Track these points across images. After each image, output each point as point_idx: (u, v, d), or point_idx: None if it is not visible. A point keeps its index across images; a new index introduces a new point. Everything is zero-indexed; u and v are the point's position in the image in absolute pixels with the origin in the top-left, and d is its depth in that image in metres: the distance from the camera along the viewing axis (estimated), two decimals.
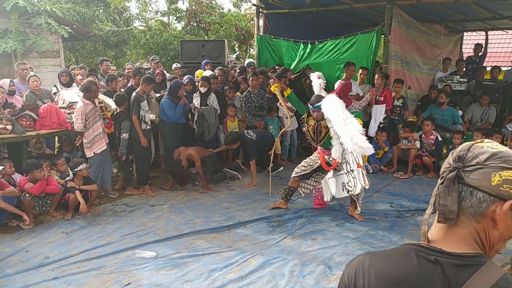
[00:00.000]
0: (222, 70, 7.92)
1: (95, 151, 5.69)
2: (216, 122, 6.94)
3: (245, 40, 18.40)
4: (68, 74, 7.14)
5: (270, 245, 4.47)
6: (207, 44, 9.36)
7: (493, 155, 0.98)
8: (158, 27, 17.38)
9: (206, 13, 17.08)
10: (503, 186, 0.95)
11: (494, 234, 1.00)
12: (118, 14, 16.29)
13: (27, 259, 4.15)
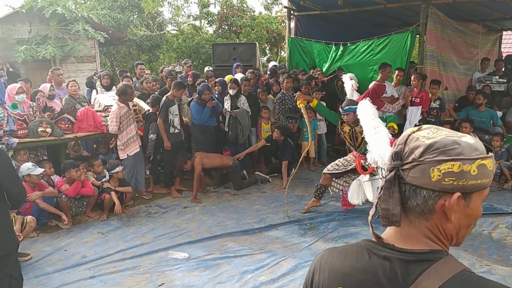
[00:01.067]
0: (254, 73, 7.95)
1: (128, 153, 5.82)
2: (249, 125, 6.94)
3: (276, 42, 18.42)
4: (110, 77, 7.35)
5: (302, 248, 4.43)
6: (239, 47, 9.42)
7: (428, 147, 0.90)
8: (190, 31, 17.62)
9: (238, 16, 17.20)
10: (445, 180, 0.88)
11: (449, 227, 0.93)
12: (152, 19, 16.61)
13: (65, 258, 4.28)
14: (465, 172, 0.88)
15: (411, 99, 7.07)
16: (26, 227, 4.22)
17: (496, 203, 5.84)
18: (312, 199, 5.53)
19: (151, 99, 6.30)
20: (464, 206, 0.91)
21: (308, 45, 9.04)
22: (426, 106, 7.18)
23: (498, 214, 5.43)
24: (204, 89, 6.53)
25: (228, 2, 17.37)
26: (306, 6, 8.99)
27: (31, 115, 5.67)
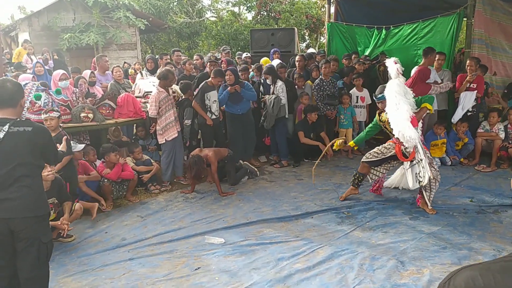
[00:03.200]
0: (302, 56, 7.86)
1: (166, 138, 5.90)
2: (276, 112, 6.73)
3: (315, 28, 18.12)
4: (154, 61, 7.48)
5: (339, 237, 4.36)
6: (277, 33, 9.32)
7: None
8: (229, 18, 17.62)
9: (277, 2, 17.02)
10: None
11: None
12: (191, 6, 16.73)
13: (106, 240, 4.41)
14: None
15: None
16: (73, 213, 4.36)
17: None
18: (350, 187, 5.42)
19: (181, 85, 6.34)
20: None
21: (348, 30, 8.81)
22: (481, 91, 6.86)
23: None
24: (228, 71, 6.52)
25: None
26: None
27: (74, 100, 5.84)
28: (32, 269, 2.83)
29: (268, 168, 7.03)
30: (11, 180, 2.70)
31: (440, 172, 6.32)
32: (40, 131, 2.85)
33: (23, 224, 2.74)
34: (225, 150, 6.16)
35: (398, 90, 4.69)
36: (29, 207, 2.76)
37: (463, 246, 4.07)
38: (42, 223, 2.88)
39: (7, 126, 2.70)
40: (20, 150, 2.72)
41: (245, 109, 6.67)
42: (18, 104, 2.81)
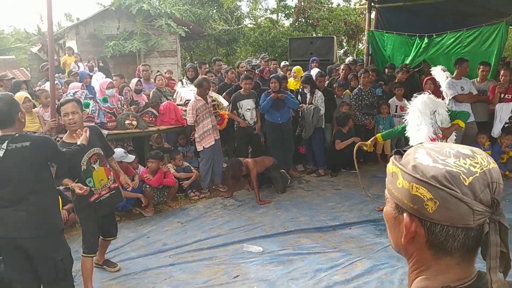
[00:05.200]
0: (348, 65, 7.87)
1: (204, 145, 6.03)
2: (315, 122, 6.75)
3: (353, 34, 17.97)
4: (194, 70, 7.67)
5: (378, 250, 4.32)
6: (316, 41, 9.34)
7: None
8: (267, 25, 17.75)
9: (315, 8, 17.01)
10: None
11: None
12: (230, 13, 16.97)
13: (148, 245, 4.56)
14: None
15: (500, 95, 6.57)
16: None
17: None
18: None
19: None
20: None
21: (389, 38, 8.70)
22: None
23: None
24: (272, 78, 6.62)
25: None
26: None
27: (119, 108, 6.07)
28: (51, 285, 2.90)
29: (305, 177, 7.04)
30: (17, 198, 2.71)
31: None
32: (38, 144, 2.79)
33: (31, 243, 2.76)
34: (269, 159, 6.24)
35: (423, 109, 4.49)
36: (36, 226, 2.75)
37: None
38: (53, 240, 2.89)
39: (5, 144, 2.67)
40: (21, 167, 2.69)
41: (286, 118, 6.71)
42: (16, 120, 2.77)
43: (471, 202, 0.80)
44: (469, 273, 0.87)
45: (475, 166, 0.83)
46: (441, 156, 0.85)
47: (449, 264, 0.87)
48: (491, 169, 0.84)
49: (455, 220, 0.82)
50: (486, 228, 0.81)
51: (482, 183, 0.82)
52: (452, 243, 0.84)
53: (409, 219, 0.87)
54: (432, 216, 0.83)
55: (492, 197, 0.82)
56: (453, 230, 0.83)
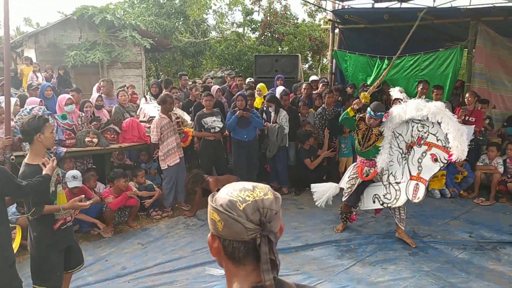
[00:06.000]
0: (309, 84, 7.98)
1: (169, 163, 5.96)
2: (279, 141, 6.84)
3: (318, 50, 18.31)
4: (158, 86, 7.57)
5: (339, 272, 4.38)
6: (281, 58, 9.45)
7: None
8: (233, 38, 17.83)
9: (281, 23, 17.25)
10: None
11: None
12: (196, 26, 16.94)
13: (106, 269, 4.43)
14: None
15: (464, 118, 6.83)
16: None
17: None
18: (341, 224, 5.51)
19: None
20: None
21: (351, 58, 8.94)
22: (480, 125, 6.93)
23: None
24: (238, 96, 6.67)
25: (272, 9, 17.44)
26: (351, 19, 8.90)
27: (79, 124, 5.91)
28: None
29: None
30: None
31: (440, 205, 6.43)
32: None
33: None
34: (234, 178, 6.23)
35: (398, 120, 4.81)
36: None
37: (462, 285, 4.10)
38: (5, 275, 2.78)
39: None
40: None
41: (252, 136, 6.74)
42: None
43: (244, 222, 1.08)
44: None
45: (249, 196, 1.11)
46: (233, 190, 1.13)
47: (247, 271, 1.13)
48: (264, 199, 1.12)
49: (235, 235, 1.09)
50: (258, 241, 1.08)
51: (253, 208, 1.09)
52: (238, 253, 1.11)
53: (211, 237, 1.16)
54: (222, 233, 1.11)
55: (261, 218, 1.09)
56: (236, 243, 1.10)
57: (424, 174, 4.70)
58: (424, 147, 4.71)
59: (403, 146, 4.87)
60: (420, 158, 4.73)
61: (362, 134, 5.02)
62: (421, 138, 4.72)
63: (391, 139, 4.90)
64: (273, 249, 1.10)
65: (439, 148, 4.60)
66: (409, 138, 4.82)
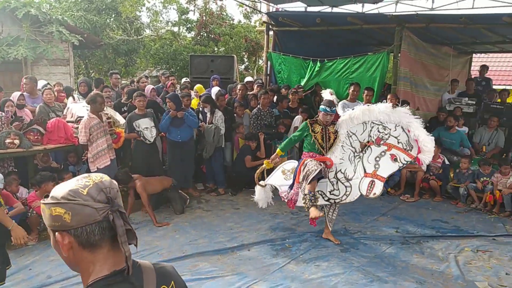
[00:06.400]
0: (244, 85, 7.98)
1: (98, 166, 5.72)
2: (216, 142, 6.85)
3: (254, 51, 18.47)
4: (87, 84, 7.21)
5: (274, 271, 4.43)
6: (216, 59, 9.42)
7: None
8: (168, 37, 17.49)
9: (217, 24, 17.18)
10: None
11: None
12: (129, 23, 16.40)
13: (30, 278, 4.15)
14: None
15: None
16: None
17: (463, 225, 6.00)
18: (312, 210, 4.75)
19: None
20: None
21: (285, 60, 9.11)
22: None
23: (464, 236, 5.58)
24: (167, 98, 6.63)
25: (208, 9, 17.34)
26: (284, 22, 9.07)
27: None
28: None
29: (205, 196, 7.02)
30: None
31: (370, 202, 6.71)
32: None
33: None
34: (169, 180, 6.13)
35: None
36: None
37: (389, 278, 4.31)
38: None
39: None
40: None
41: (186, 136, 6.65)
42: None
43: (92, 204, 1.12)
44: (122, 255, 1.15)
45: (88, 181, 1.15)
46: (68, 183, 1.16)
47: (104, 253, 1.16)
48: (103, 181, 1.18)
49: (87, 219, 1.12)
50: (111, 217, 1.13)
51: (96, 190, 1.14)
52: (94, 237, 1.13)
53: (59, 235, 1.14)
54: (71, 224, 1.11)
55: (108, 196, 1.15)
56: (90, 227, 1.12)
57: (382, 172, 4.89)
58: (383, 147, 4.88)
59: (357, 145, 4.99)
60: (378, 157, 4.90)
61: (321, 136, 5.01)
62: (380, 139, 4.88)
63: (344, 138, 5.02)
64: (126, 220, 1.17)
65: (400, 150, 4.82)
66: (365, 137, 4.96)
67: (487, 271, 4.56)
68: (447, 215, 6.43)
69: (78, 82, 7.31)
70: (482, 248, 5.19)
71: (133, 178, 5.77)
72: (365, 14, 8.42)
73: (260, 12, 11.36)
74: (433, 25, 7.47)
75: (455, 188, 7.00)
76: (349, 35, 9.44)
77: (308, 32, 9.32)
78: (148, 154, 6.42)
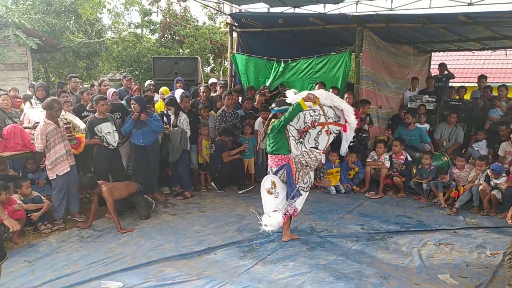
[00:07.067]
0: (208, 87, 7.92)
1: (57, 173, 5.53)
2: (182, 145, 6.78)
3: (219, 53, 18.38)
4: (45, 89, 6.98)
5: (241, 272, 4.40)
6: (180, 61, 9.32)
7: None
8: (131, 39, 17.16)
9: (181, 25, 17.00)
10: None
11: None
12: (90, 26, 15.98)
13: None
14: None
15: None
16: None
17: (426, 219, 6.15)
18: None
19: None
20: None
21: (250, 61, 9.10)
22: (358, 123, 7.46)
23: (427, 230, 5.72)
24: (131, 100, 6.52)
25: (171, 11, 17.13)
26: (248, 23, 9.07)
27: None
28: None
29: (171, 200, 6.92)
30: None
31: (336, 200, 6.80)
32: None
33: None
34: (134, 185, 6.01)
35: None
36: None
37: (355, 275, 4.36)
38: None
39: None
40: None
41: (150, 140, 6.53)
42: None
43: None
44: None
45: None
46: None
47: None
48: None
49: None
50: None
51: None
52: None
53: None
54: None
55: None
56: None
57: (320, 146, 5.15)
58: (318, 127, 5.10)
59: (295, 133, 5.11)
60: (317, 136, 5.11)
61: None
62: (314, 122, 5.06)
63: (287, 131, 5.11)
64: None
65: (331, 124, 5.13)
66: (302, 125, 5.07)
67: (449, 264, 4.69)
68: (411, 210, 6.58)
69: (36, 87, 7.04)
70: (444, 241, 5.34)
71: (99, 183, 5.62)
72: (327, 14, 8.53)
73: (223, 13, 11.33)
74: (392, 24, 7.65)
75: (418, 183, 7.17)
76: (312, 35, 9.53)
77: (271, 33, 9.35)
78: (111, 159, 6.26)
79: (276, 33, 9.37)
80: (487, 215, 6.32)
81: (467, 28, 7.79)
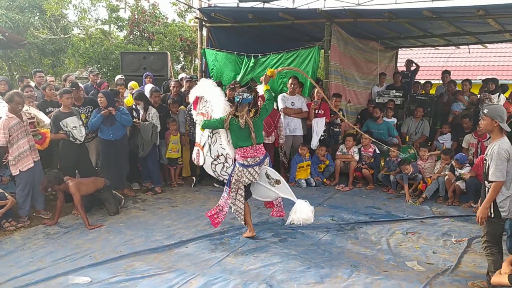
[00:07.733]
0: (178, 82, 7.83)
1: (20, 169, 5.37)
2: (153, 140, 6.70)
3: (190, 50, 18.22)
4: (8, 83, 6.75)
5: (212, 265, 4.38)
6: (149, 56, 9.19)
7: None
8: (98, 36, 16.79)
9: (150, 22, 16.75)
10: None
11: None
12: (55, 22, 15.55)
13: None
14: None
15: (315, 111, 7.43)
16: None
17: (394, 210, 6.29)
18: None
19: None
20: None
21: (220, 56, 9.07)
22: (328, 116, 7.59)
23: (395, 220, 5.85)
24: (99, 93, 6.41)
25: (139, 7, 16.86)
26: (217, 18, 9.02)
27: None
28: None
29: (141, 196, 6.82)
30: None
31: (306, 193, 6.86)
32: None
33: None
34: (101, 180, 5.88)
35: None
36: None
37: (325, 264, 4.41)
38: None
39: None
40: None
41: (119, 134, 6.43)
42: None
43: None
44: None
45: None
46: None
47: None
48: None
49: None
50: None
51: None
52: None
53: None
54: None
55: None
56: None
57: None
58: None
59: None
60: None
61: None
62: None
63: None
64: None
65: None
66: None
67: (416, 251, 4.82)
68: (379, 201, 6.72)
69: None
70: (411, 230, 5.48)
71: (65, 179, 5.48)
72: (296, 9, 8.58)
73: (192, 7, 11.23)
74: (360, 19, 7.77)
75: (386, 176, 7.32)
76: (282, 30, 9.57)
77: (241, 28, 9.34)
78: (78, 154, 6.12)
79: (246, 28, 9.36)
80: (452, 204, 6.52)
81: (431, 23, 8.00)
